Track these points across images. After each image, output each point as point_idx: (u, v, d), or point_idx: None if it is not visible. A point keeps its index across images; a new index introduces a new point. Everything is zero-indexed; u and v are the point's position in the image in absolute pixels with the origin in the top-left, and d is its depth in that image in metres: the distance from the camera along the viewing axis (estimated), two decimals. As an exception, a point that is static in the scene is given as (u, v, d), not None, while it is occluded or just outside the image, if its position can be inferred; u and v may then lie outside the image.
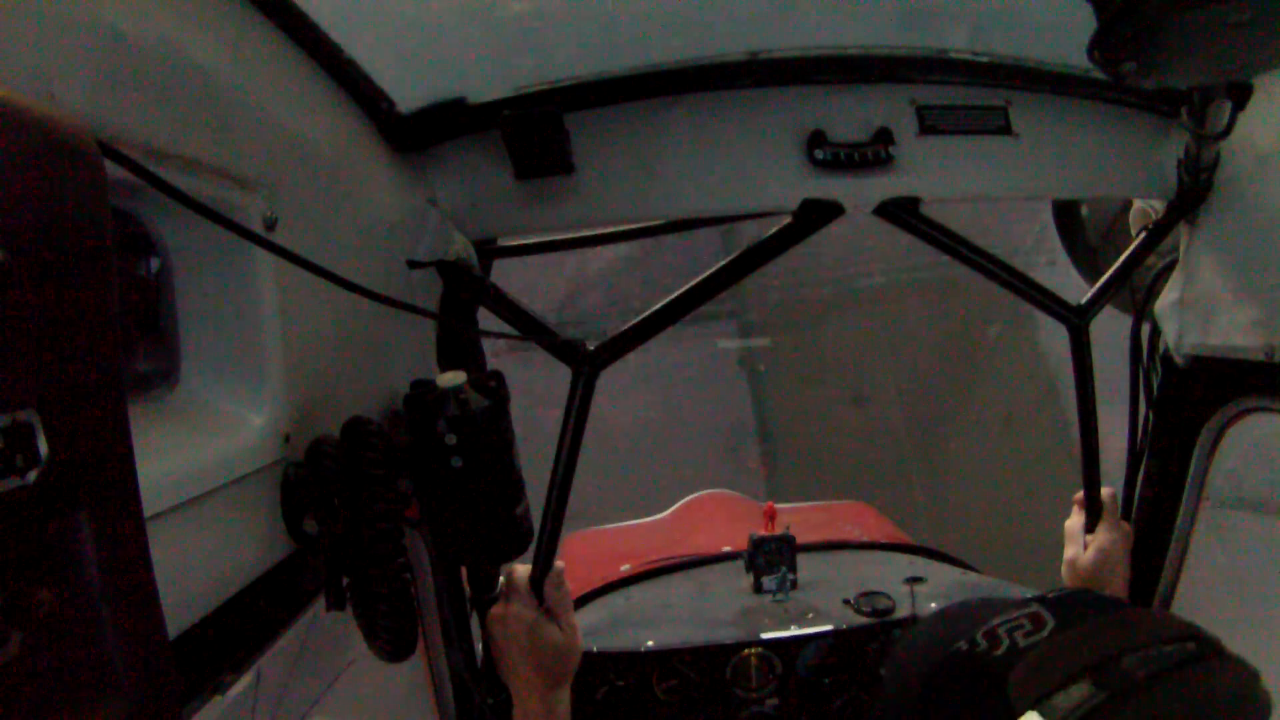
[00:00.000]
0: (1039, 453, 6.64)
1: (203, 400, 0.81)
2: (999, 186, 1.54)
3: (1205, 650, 0.69)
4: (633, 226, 1.63)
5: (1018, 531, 4.75)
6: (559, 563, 1.43)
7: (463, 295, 1.45)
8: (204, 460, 0.74)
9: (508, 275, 1.61)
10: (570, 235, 1.64)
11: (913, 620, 1.93)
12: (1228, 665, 0.70)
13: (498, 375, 1.11)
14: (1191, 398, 1.59)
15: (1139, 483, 1.73)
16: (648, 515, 3.40)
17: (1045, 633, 0.72)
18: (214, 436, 0.78)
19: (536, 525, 1.27)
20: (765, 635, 1.93)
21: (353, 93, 1.12)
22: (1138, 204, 1.67)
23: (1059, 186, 1.62)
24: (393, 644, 0.96)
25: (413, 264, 1.31)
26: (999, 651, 0.72)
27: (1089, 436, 1.62)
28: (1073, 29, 1.00)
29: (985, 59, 1.41)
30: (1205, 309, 1.48)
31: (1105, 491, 1.68)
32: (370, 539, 0.91)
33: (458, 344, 1.55)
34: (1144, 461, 1.71)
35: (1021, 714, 0.67)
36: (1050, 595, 0.78)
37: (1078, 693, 0.66)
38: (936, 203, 1.48)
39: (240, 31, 0.84)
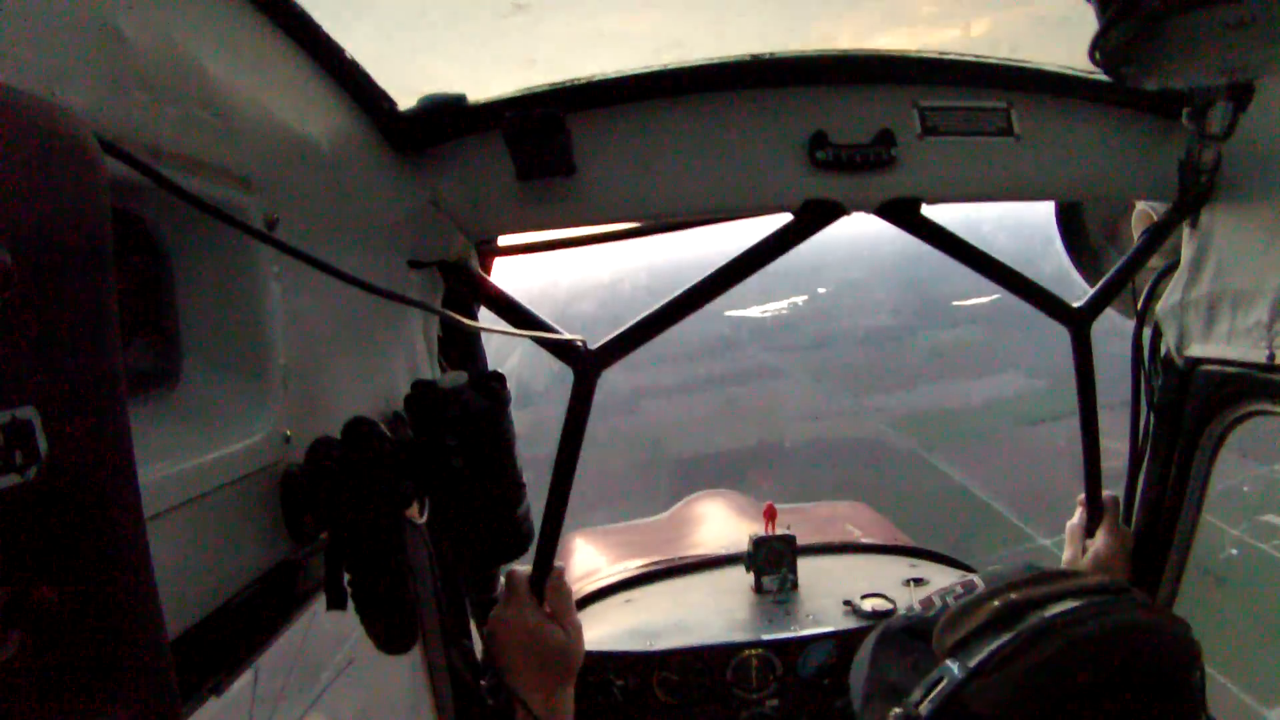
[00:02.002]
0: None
1: (203, 400, 0.81)
2: (1001, 188, 1.54)
3: (1126, 598, 0.75)
4: (633, 226, 1.63)
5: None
6: (559, 564, 1.43)
7: (463, 295, 1.45)
8: (204, 460, 0.74)
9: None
10: (571, 235, 1.64)
11: None
12: (1147, 607, 0.75)
13: (498, 376, 1.11)
14: (1193, 401, 1.59)
15: (1140, 486, 1.72)
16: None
17: (975, 594, 0.79)
18: (214, 436, 0.78)
19: (536, 526, 1.26)
20: (765, 636, 1.93)
21: (353, 93, 1.12)
22: (1139, 206, 1.67)
23: (1061, 188, 1.61)
24: (392, 633, 0.96)
25: (414, 264, 1.31)
26: (931, 613, 0.81)
27: (1090, 439, 1.62)
28: (1074, 30, 0.99)
29: (987, 61, 1.41)
30: (1207, 311, 1.48)
31: (1106, 495, 1.68)
32: (370, 540, 0.91)
33: (459, 344, 1.55)
34: (1145, 464, 1.70)
35: (941, 660, 0.74)
36: (992, 567, 0.87)
37: (992, 635, 0.72)
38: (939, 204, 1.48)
39: (241, 32, 0.85)
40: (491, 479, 1.10)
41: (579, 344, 1.36)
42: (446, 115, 1.31)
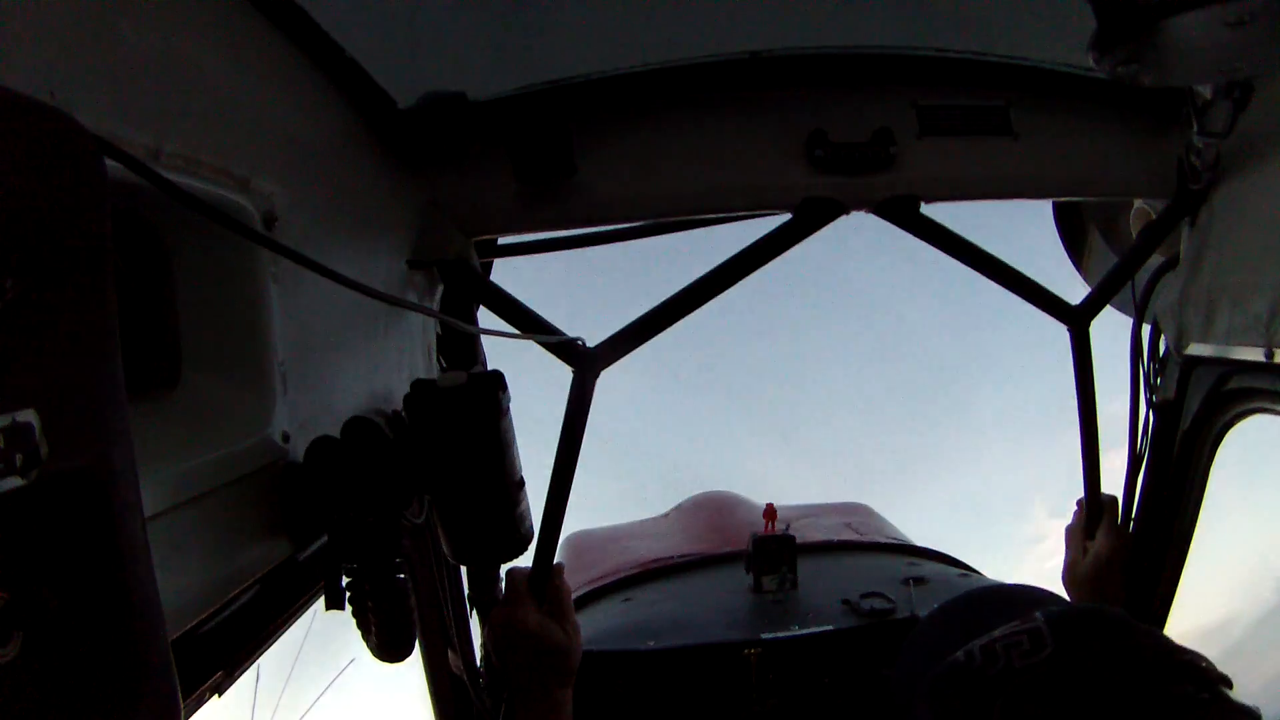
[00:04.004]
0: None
1: (203, 400, 0.81)
2: (999, 187, 1.54)
3: (1208, 695, 0.66)
4: (633, 226, 1.63)
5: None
6: (559, 563, 1.43)
7: (463, 294, 1.45)
8: (204, 460, 0.74)
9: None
10: (570, 234, 1.64)
11: (912, 621, 1.93)
12: (1227, 713, 0.66)
13: (497, 375, 1.11)
14: (1192, 399, 1.59)
15: (1139, 484, 1.72)
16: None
17: (1043, 655, 0.70)
18: (214, 436, 0.78)
19: (536, 525, 1.26)
20: (765, 635, 1.93)
21: (353, 92, 1.12)
22: (1138, 204, 1.67)
23: (1060, 187, 1.62)
24: (389, 644, 0.96)
25: (413, 263, 1.31)
26: (994, 670, 0.71)
27: (1090, 439, 1.62)
28: (1073, 29, 1.00)
29: (985, 59, 1.41)
30: (1206, 309, 1.48)
31: (1106, 496, 1.68)
32: (369, 540, 0.91)
33: (458, 344, 1.55)
34: (1144, 463, 1.70)
35: None
36: (1055, 611, 0.75)
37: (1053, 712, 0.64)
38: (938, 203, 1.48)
39: (240, 32, 0.85)
40: (491, 479, 1.10)
41: (578, 343, 1.36)
42: (446, 114, 1.31)
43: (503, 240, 1.62)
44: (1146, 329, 1.67)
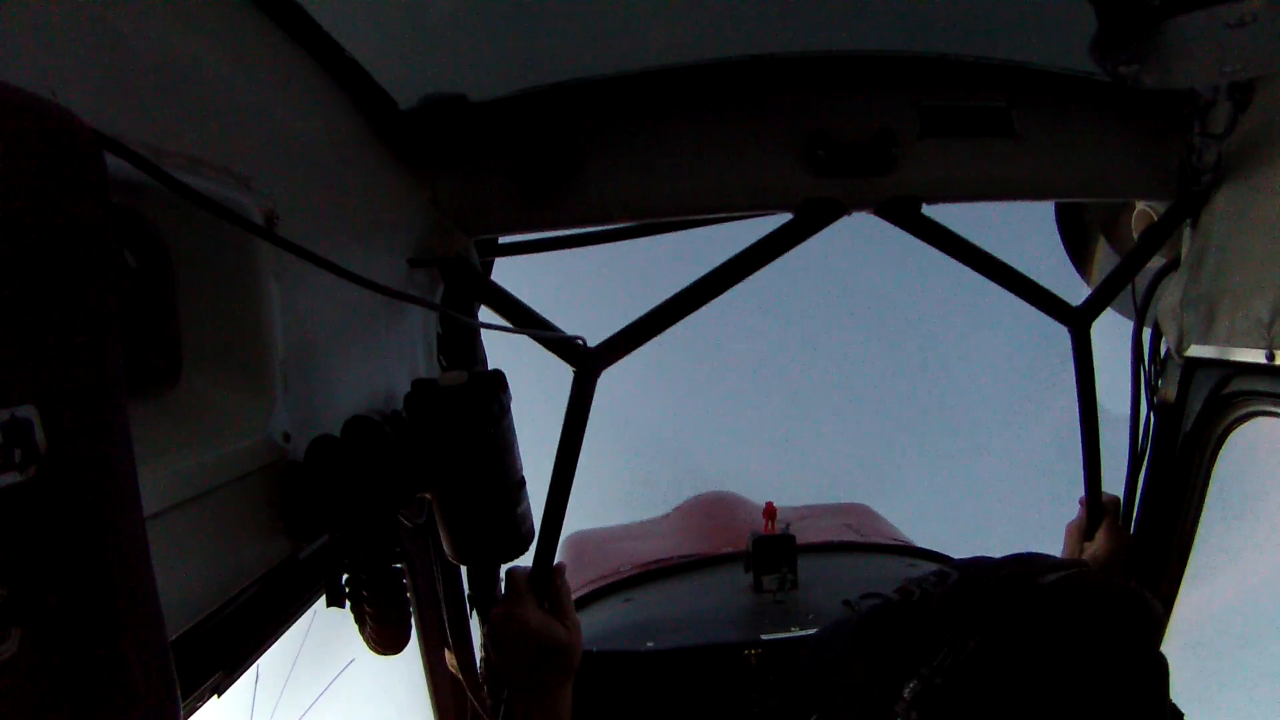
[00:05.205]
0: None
1: (203, 400, 0.81)
2: (1001, 188, 1.54)
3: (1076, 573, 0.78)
4: (633, 225, 1.64)
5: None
6: (560, 562, 1.43)
7: (464, 293, 1.45)
8: (204, 460, 0.74)
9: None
10: (571, 234, 1.64)
11: None
12: (1090, 581, 0.78)
13: (499, 375, 1.11)
14: (1193, 401, 1.59)
15: (1140, 486, 1.72)
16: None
17: (951, 581, 0.83)
18: (214, 436, 0.78)
19: (537, 525, 1.26)
20: (765, 635, 1.93)
21: (353, 92, 1.12)
22: (1140, 205, 1.67)
23: (1061, 188, 1.61)
24: (384, 636, 0.96)
25: (413, 262, 1.31)
26: (913, 599, 0.84)
27: (1090, 439, 1.62)
28: (1075, 30, 1.00)
29: (987, 61, 1.41)
30: (1207, 311, 1.48)
31: (1107, 496, 1.67)
32: (370, 539, 0.91)
33: (458, 343, 1.55)
34: (1145, 465, 1.70)
35: (966, 643, 0.75)
36: (953, 559, 0.88)
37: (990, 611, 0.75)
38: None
39: (241, 31, 0.85)
40: (492, 478, 1.10)
41: (579, 342, 1.36)
42: (446, 114, 1.31)
43: (503, 240, 1.63)
44: (1147, 331, 1.67)
